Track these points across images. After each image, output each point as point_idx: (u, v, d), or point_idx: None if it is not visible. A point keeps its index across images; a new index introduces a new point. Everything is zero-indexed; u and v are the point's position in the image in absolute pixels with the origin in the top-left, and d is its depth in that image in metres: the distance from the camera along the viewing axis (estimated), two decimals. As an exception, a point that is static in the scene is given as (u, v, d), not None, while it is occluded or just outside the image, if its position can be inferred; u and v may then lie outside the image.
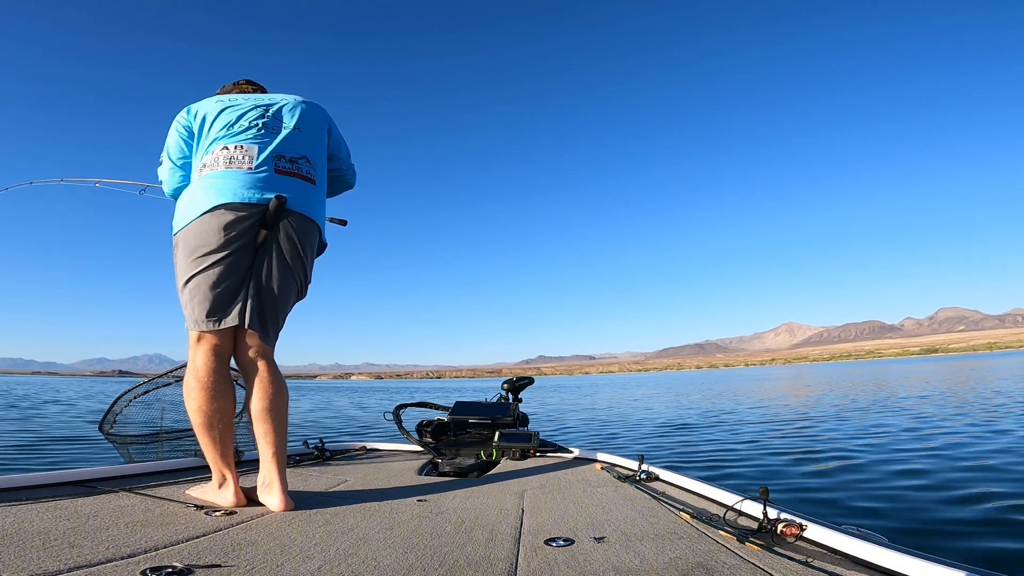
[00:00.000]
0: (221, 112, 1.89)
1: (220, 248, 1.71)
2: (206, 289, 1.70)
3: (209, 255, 1.71)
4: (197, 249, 1.71)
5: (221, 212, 1.72)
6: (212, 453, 1.70)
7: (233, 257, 1.73)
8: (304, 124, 1.96)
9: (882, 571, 1.08)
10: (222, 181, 1.77)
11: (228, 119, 1.88)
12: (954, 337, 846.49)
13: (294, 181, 1.85)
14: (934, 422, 7.29)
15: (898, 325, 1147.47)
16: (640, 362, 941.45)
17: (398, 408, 3.18)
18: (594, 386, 36.01)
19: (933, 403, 10.07)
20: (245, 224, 1.74)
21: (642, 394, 21.11)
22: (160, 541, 1.22)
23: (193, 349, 1.72)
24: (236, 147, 1.82)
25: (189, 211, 1.76)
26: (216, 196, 1.73)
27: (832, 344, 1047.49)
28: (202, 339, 1.71)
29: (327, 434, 7.70)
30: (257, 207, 1.75)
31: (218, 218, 1.72)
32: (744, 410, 10.80)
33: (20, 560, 1.04)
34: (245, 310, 1.74)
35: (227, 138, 1.84)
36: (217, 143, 1.84)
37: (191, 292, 1.71)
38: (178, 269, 1.76)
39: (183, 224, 1.75)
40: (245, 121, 1.88)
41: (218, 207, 1.72)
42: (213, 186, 1.76)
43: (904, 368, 43.64)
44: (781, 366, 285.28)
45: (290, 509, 1.64)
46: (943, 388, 14.14)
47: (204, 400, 1.67)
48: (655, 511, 1.62)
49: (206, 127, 1.87)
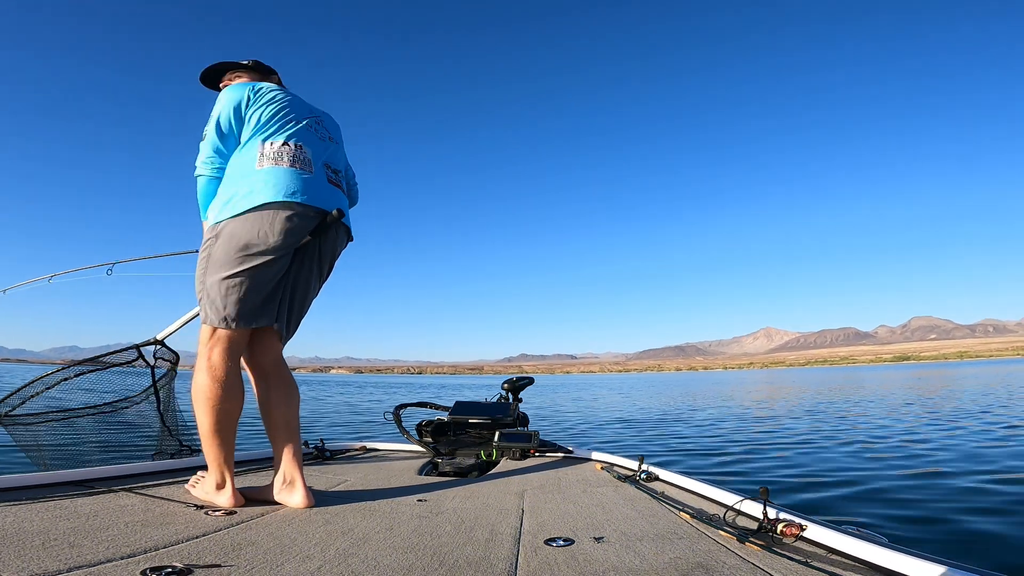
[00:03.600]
0: (280, 101, 1.80)
1: (275, 249, 1.64)
2: (248, 288, 1.62)
3: (262, 254, 1.62)
4: (250, 246, 1.61)
5: (285, 211, 1.65)
6: (217, 454, 1.64)
7: (283, 259, 1.68)
8: (336, 137, 1.97)
9: (882, 571, 1.08)
10: (289, 179, 1.69)
11: (286, 112, 1.79)
12: (926, 345, 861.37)
13: (340, 193, 1.85)
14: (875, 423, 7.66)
15: (872, 332, 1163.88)
16: (621, 363, 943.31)
17: (398, 408, 3.18)
18: (580, 386, 36.13)
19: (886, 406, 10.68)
20: (304, 228, 1.70)
21: (634, 394, 21.26)
22: (160, 541, 1.22)
23: (210, 345, 1.62)
24: (297, 146, 1.76)
25: (245, 201, 1.64)
26: (281, 192, 1.65)
27: (808, 350, 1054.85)
28: (223, 336, 1.62)
29: (326, 434, 7.69)
30: (317, 214, 1.72)
31: (280, 217, 1.64)
32: (741, 412, 10.99)
33: (20, 560, 1.04)
34: (281, 314, 1.74)
35: (288, 134, 1.76)
36: (278, 136, 1.74)
37: (229, 288, 1.61)
38: (215, 259, 1.63)
39: (235, 212, 1.64)
40: (304, 121, 1.83)
41: (282, 205, 1.64)
42: (280, 182, 1.66)
43: (875, 374, 45.34)
44: (759, 370, 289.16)
45: (312, 505, 1.65)
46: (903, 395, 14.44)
47: (222, 399, 1.60)
48: (655, 511, 1.63)
49: (262, 111, 1.76)
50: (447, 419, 3.03)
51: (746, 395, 17.99)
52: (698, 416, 9.88)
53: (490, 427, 2.97)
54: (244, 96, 1.74)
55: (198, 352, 1.67)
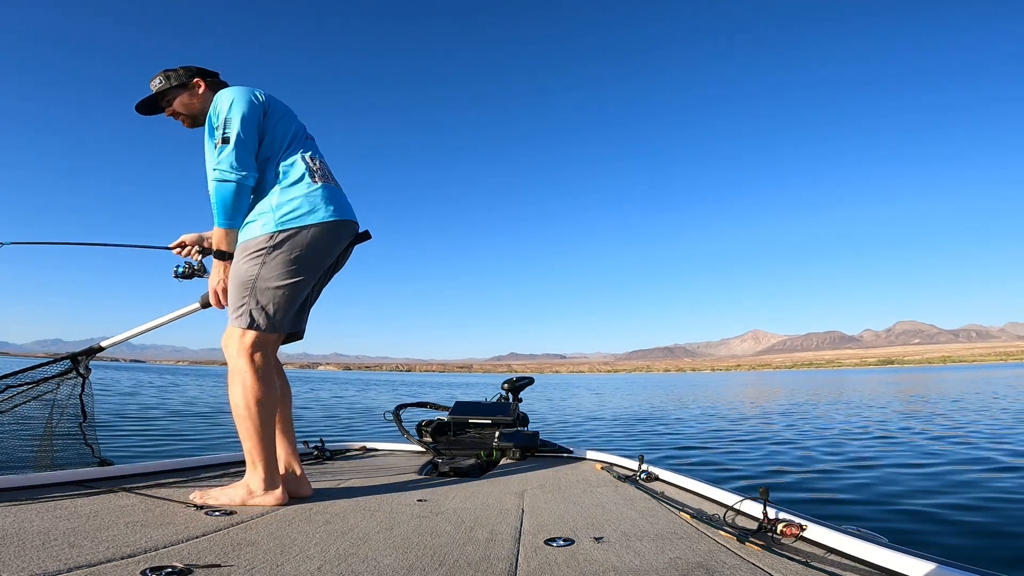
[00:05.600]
0: (287, 111, 1.84)
1: (326, 263, 1.79)
2: (295, 296, 1.73)
3: (317, 268, 1.77)
4: (311, 259, 1.72)
5: (343, 230, 1.79)
6: (269, 455, 1.68)
7: (324, 272, 1.85)
8: None
9: (882, 571, 1.08)
10: (341, 198, 1.82)
11: (297, 125, 1.85)
12: (910, 349, 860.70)
13: None
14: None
15: (857, 336, 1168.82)
16: (610, 363, 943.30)
17: (398, 408, 3.18)
18: (572, 386, 36.36)
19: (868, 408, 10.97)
20: (345, 244, 1.85)
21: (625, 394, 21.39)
22: (160, 541, 1.22)
23: (252, 348, 1.66)
24: (322, 162, 1.85)
25: (310, 215, 1.71)
26: (338, 211, 1.77)
27: (795, 352, 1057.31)
28: (267, 340, 1.69)
29: (326, 434, 7.69)
30: (355, 230, 1.87)
31: (338, 234, 1.78)
32: (729, 413, 11.10)
33: (20, 560, 1.04)
34: (304, 319, 1.90)
35: (314, 149, 1.85)
36: (305, 150, 1.81)
37: (282, 296, 1.68)
38: (270, 266, 1.66)
39: (301, 224, 1.70)
40: (310, 136, 1.91)
41: (341, 224, 1.78)
42: (334, 198, 1.78)
43: (861, 378, 46.75)
44: (746, 372, 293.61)
45: (313, 492, 1.81)
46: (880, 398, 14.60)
47: (272, 399, 1.68)
48: (655, 511, 1.63)
49: (283, 122, 1.79)
50: (447, 419, 3.03)
51: (734, 396, 18.26)
52: (688, 416, 10.04)
53: (490, 427, 2.97)
54: (262, 103, 1.75)
55: (233, 355, 1.66)
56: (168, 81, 1.85)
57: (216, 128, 1.70)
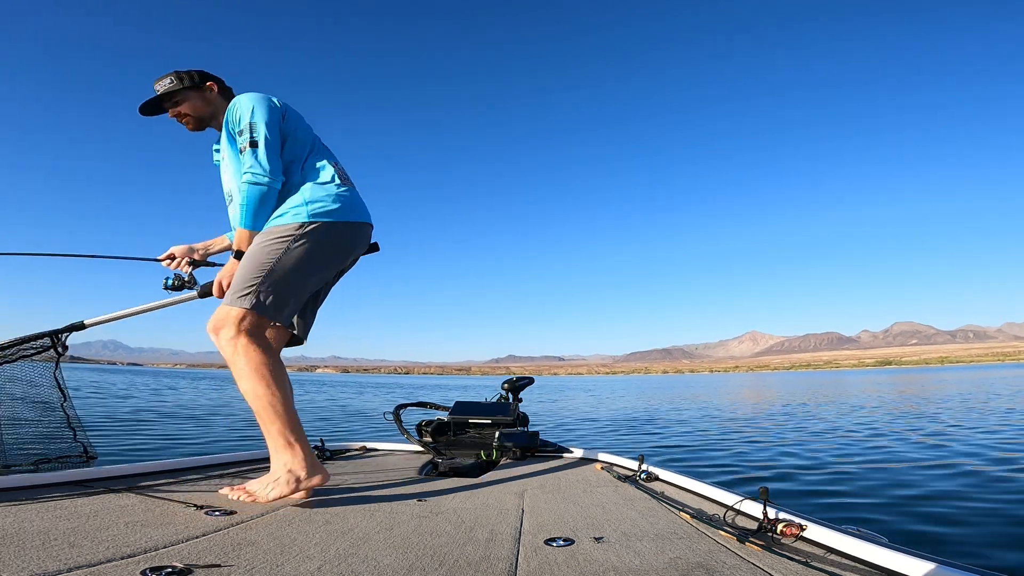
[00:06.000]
0: (304, 121, 1.86)
1: (343, 262, 1.82)
2: (305, 289, 1.74)
3: (334, 266, 1.78)
4: (332, 256, 1.73)
5: (365, 232, 1.82)
6: (301, 430, 1.67)
7: (335, 275, 1.89)
8: None
9: (882, 571, 1.08)
10: (362, 202, 1.85)
11: (314, 134, 1.87)
12: (907, 350, 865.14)
13: None
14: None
15: (855, 337, 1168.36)
16: (608, 365, 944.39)
17: (398, 408, 3.18)
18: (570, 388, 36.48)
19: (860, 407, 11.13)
20: (364, 249, 1.88)
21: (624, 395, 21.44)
22: (160, 541, 1.22)
23: (250, 328, 1.62)
24: (343, 168, 1.87)
25: (341, 212, 1.73)
26: (365, 215, 1.81)
27: (793, 353, 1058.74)
28: (263, 323, 1.67)
29: (326, 434, 7.66)
30: (371, 238, 1.90)
31: (362, 235, 1.81)
32: (726, 413, 11.12)
33: (20, 560, 1.04)
34: (306, 319, 1.93)
35: (334, 156, 1.88)
36: (329, 156, 1.84)
37: (294, 286, 1.67)
38: (292, 254, 1.65)
39: (332, 219, 1.71)
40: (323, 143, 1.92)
41: (366, 226, 1.81)
42: (360, 203, 1.83)
43: (859, 379, 47.16)
44: (744, 373, 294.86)
45: (328, 478, 1.76)
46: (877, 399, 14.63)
47: (283, 371, 1.66)
48: (655, 511, 1.62)
49: (302, 127, 1.83)
50: (447, 419, 3.03)
51: (732, 397, 18.33)
52: (687, 417, 10.06)
53: (490, 427, 2.97)
54: (279, 108, 1.77)
55: (229, 337, 1.60)
56: (181, 82, 1.84)
57: (239, 133, 1.69)
